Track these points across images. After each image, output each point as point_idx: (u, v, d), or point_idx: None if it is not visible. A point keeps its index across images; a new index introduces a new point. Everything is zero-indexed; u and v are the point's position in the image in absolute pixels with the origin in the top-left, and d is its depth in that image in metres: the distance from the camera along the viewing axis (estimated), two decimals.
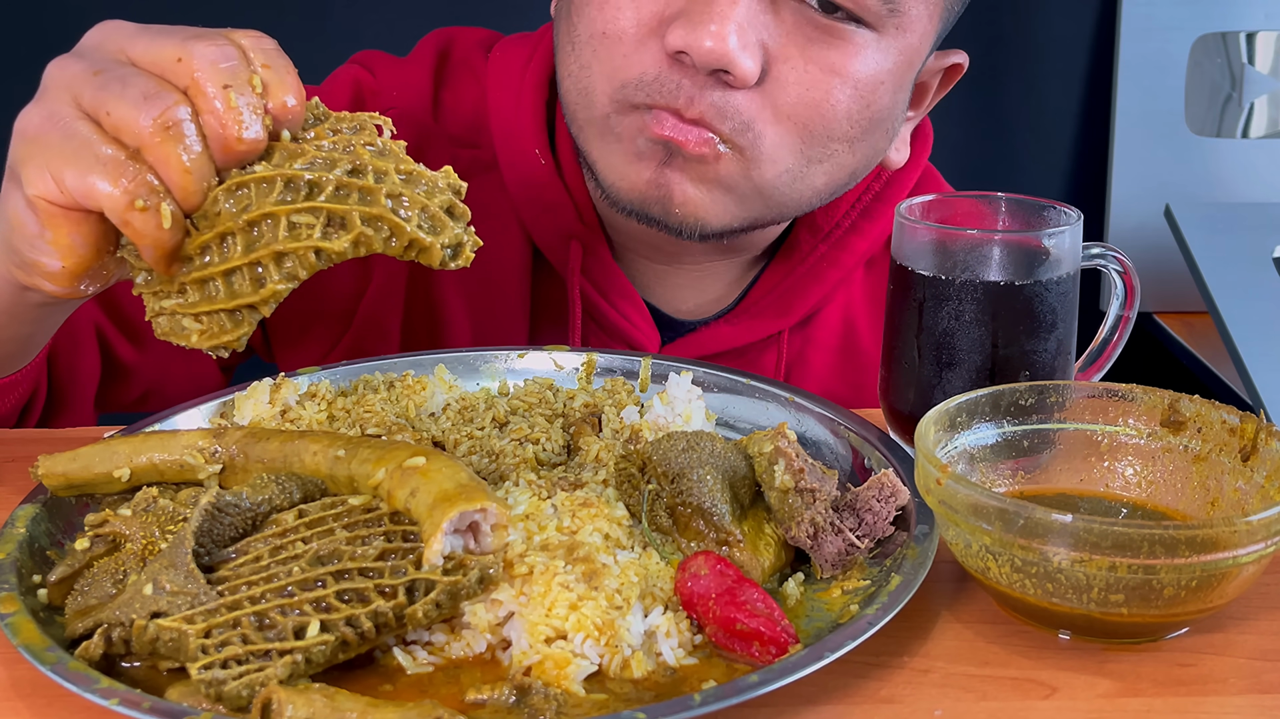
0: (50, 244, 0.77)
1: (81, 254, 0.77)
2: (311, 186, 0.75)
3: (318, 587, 0.69)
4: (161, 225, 0.73)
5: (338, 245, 0.74)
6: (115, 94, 0.73)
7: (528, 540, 0.75)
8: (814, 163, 1.03)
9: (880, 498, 0.79)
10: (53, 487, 0.81)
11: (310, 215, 0.74)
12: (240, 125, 0.74)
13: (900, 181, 1.20)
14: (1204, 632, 0.75)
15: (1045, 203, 0.94)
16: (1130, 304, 0.96)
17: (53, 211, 0.76)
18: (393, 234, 0.75)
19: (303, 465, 0.79)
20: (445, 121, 1.19)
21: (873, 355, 1.22)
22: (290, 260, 0.74)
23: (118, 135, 0.74)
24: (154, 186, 0.73)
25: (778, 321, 1.18)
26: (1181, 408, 0.82)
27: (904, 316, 0.92)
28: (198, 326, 0.76)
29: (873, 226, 1.19)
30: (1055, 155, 2.26)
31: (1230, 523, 0.68)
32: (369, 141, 0.77)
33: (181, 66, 0.74)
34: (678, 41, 0.96)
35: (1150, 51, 2.18)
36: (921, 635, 0.74)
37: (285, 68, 0.77)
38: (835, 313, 1.22)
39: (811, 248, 1.18)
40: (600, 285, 1.16)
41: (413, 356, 1.02)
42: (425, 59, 1.22)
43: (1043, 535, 0.69)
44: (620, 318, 1.16)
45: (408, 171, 0.76)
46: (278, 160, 0.75)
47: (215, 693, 0.64)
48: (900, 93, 1.06)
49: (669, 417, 0.90)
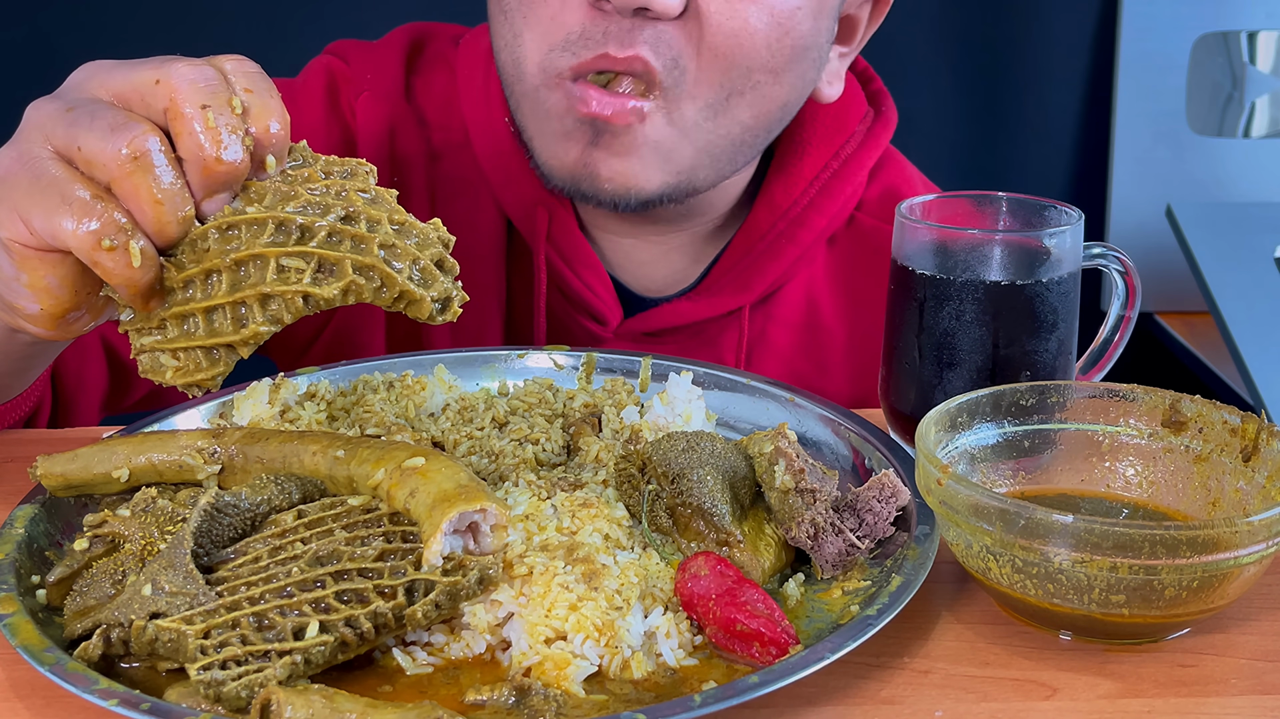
0: (27, 287, 0.75)
1: (59, 296, 0.76)
2: (304, 231, 0.73)
3: (317, 587, 0.69)
4: (131, 264, 0.72)
5: (327, 292, 0.73)
6: (84, 128, 0.72)
7: (527, 541, 0.75)
8: (735, 94, 1.03)
9: (881, 498, 0.79)
10: (51, 487, 0.81)
11: (301, 260, 0.73)
12: (219, 146, 0.72)
13: (859, 160, 1.20)
14: (1205, 632, 0.75)
15: (1046, 202, 0.94)
16: (1131, 304, 0.96)
17: (25, 254, 0.74)
18: (384, 284, 0.74)
19: (302, 466, 0.79)
20: (418, 104, 1.21)
21: (836, 333, 1.23)
22: (276, 303, 0.73)
23: (90, 171, 0.72)
24: (121, 225, 0.72)
25: (738, 298, 1.19)
26: (1183, 408, 0.81)
27: (904, 316, 0.92)
28: (174, 363, 0.75)
29: (830, 203, 1.19)
30: (1056, 155, 2.26)
31: (1231, 523, 0.68)
32: (362, 188, 0.77)
33: (160, 88, 0.73)
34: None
35: (1150, 51, 2.18)
36: (922, 636, 0.74)
37: (268, 91, 0.75)
38: (797, 290, 1.23)
39: (770, 224, 1.18)
40: (566, 254, 1.17)
41: (413, 357, 1.02)
42: (397, 44, 1.23)
43: (1044, 536, 0.69)
44: (584, 287, 1.17)
45: (400, 222, 0.76)
46: (269, 202, 0.74)
47: (214, 694, 0.64)
48: (821, 19, 1.06)
49: (669, 417, 0.90)
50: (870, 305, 1.22)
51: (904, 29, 1.15)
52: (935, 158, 2.19)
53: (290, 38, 1.91)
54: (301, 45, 1.38)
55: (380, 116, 1.19)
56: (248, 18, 2.01)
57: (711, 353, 1.20)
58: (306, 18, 2.03)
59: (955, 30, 2.18)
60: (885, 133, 1.22)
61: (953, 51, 2.19)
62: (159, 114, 0.73)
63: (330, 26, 1.99)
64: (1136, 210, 2.22)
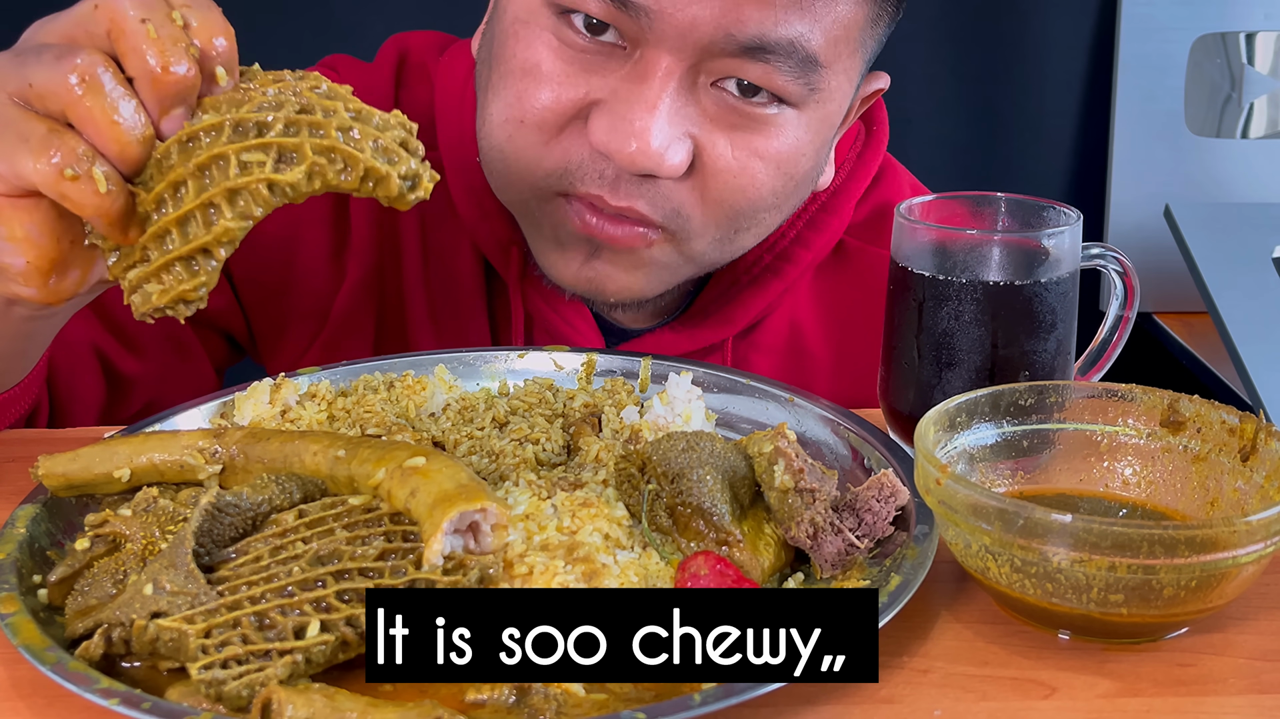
0: (8, 240, 0.75)
1: (42, 245, 0.75)
2: (261, 127, 0.73)
3: (318, 587, 0.69)
4: (98, 190, 0.71)
5: (290, 177, 0.73)
6: (32, 65, 0.72)
7: (528, 540, 0.75)
8: (741, 231, 1.05)
9: (880, 498, 0.79)
10: (53, 487, 0.81)
11: (261, 152, 0.73)
12: (164, 57, 0.71)
13: (847, 191, 1.19)
14: (1203, 632, 0.75)
15: (1045, 203, 0.94)
16: (1130, 304, 0.96)
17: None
18: (346, 165, 0.73)
19: (303, 465, 0.79)
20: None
21: (820, 358, 1.22)
22: (243, 197, 0.73)
23: (44, 106, 0.72)
24: (81, 153, 0.71)
25: (721, 331, 1.18)
26: (1181, 408, 0.82)
27: (904, 317, 0.92)
28: (158, 286, 0.74)
29: (818, 237, 1.18)
30: (1055, 155, 2.26)
31: (1230, 523, 0.68)
32: (314, 85, 0.76)
33: (99, 13, 0.72)
34: (600, 143, 0.96)
35: (1150, 51, 2.18)
36: (921, 635, 0.74)
37: (207, 6, 0.75)
38: (781, 318, 1.21)
39: (756, 258, 1.17)
40: (544, 291, 1.15)
41: (413, 357, 1.02)
42: (386, 63, 1.22)
43: (1042, 535, 0.69)
44: (563, 323, 1.15)
45: (357, 110, 0.75)
46: (225, 109, 0.74)
47: (215, 693, 0.64)
48: (823, 150, 1.06)
49: (669, 417, 0.90)
50: (856, 327, 1.21)
51: (903, 29, 1.14)
52: (934, 158, 2.19)
53: (290, 42, 1.91)
54: (301, 48, 1.38)
55: None
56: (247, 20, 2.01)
57: None
58: (306, 21, 2.03)
59: (954, 30, 2.18)
60: (876, 156, 1.21)
61: (951, 52, 2.19)
62: (103, 39, 0.73)
63: (329, 28, 1.99)
64: (1135, 211, 2.22)
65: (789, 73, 0.96)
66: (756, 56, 0.95)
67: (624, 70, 0.96)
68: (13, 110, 0.73)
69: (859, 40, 1.01)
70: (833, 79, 1.00)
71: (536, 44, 0.98)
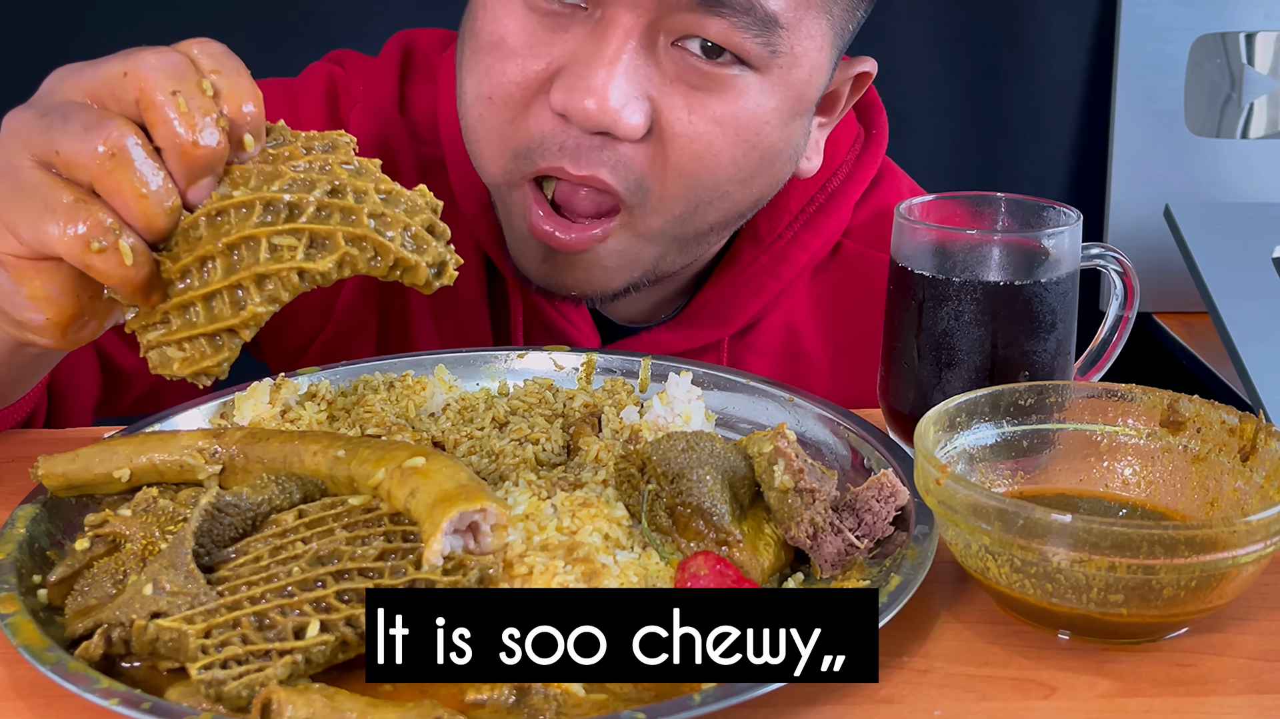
0: (28, 299, 0.75)
1: (61, 304, 0.75)
2: (292, 208, 0.73)
3: (318, 587, 0.69)
4: (123, 262, 0.71)
5: (322, 266, 0.73)
6: (59, 131, 0.71)
7: (527, 540, 0.75)
8: (704, 204, 1.03)
9: (880, 498, 0.79)
10: (53, 487, 0.81)
11: (292, 237, 0.73)
12: (194, 130, 0.71)
13: (846, 193, 1.19)
14: (1203, 632, 0.75)
15: (1045, 203, 0.94)
16: (1130, 304, 0.96)
17: (20, 265, 0.73)
18: (377, 253, 0.74)
19: (303, 466, 0.79)
20: (410, 117, 1.20)
21: (817, 361, 1.22)
22: (272, 282, 0.73)
23: (70, 174, 0.71)
24: (108, 225, 0.71)
25: (716, 331, 1.18)
26: (1181, 408, 0.82)
27: (903, 317, 0.92)
28: (180, 354, 0.75)
29: (815, 238, 1.18)
30: (1055, 155, 2.26)
31: (1229, 523, 0.68)
32: (345, 160, 0.76)
33: (128, 80, 0.72)
34: (559, 104, 0.96)
35: (1150, 51, 2.18)
36: (921, 636, 0.74)
37: (236, 70, 0.75)
38: (777, 320, 1.21)
39: (752, 259, 1.17)
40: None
41: (413, 357, 1.02)
42: (391, 57, 1.23)
43: (1042, 535, 0.69)
44: (560, 318, 1.16)
45: (387, 190, 0.76)
46: (255, 184, 0.74)
47: (215, 693, 0.64)
48: (794, 122, 1.04)
49: (669, 417, 0.90)
50: (853, 332, 1.20)
51: (902, 29, 1.14)
52: (933, 158, 2.19)
53: (291, 42, 1.91)
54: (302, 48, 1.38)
55: (373, 131, 1.18)
56: (245, 20, 2.01)
57: None
58: (306, 21, 2.03)
59: (953, 30, 2.18)
60: (874, 159, 1.21)
61: (951, 51, 2.18)
62: (131, 106, 0.72)
63: (329, 28, 1.99)
64: (1135, 211, 2.22)
65: (747, 30, 0.96)
66: (713, 11, 0.94)
67: (585, 30, 0.97)
68: (38, 175, 0.72)
69: (822, 6, 1.00)
70: (796, 43, 0.99)
71: (503, 14, 0.99)
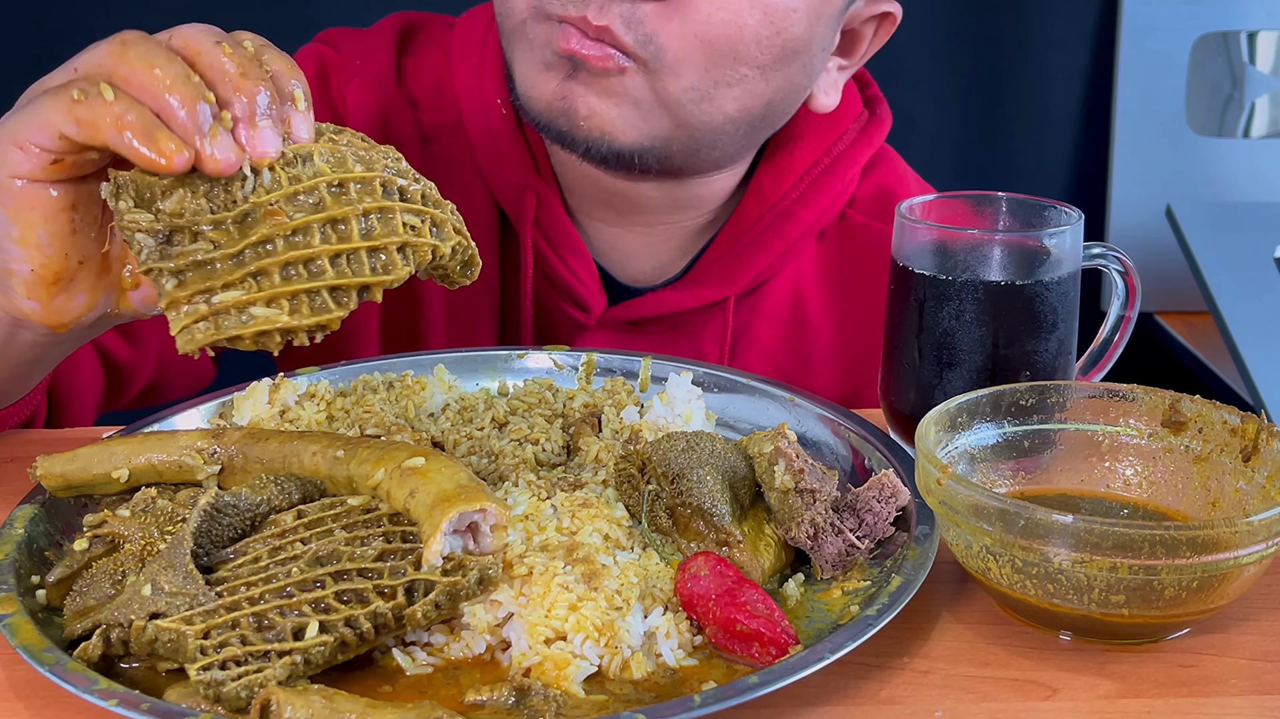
0: (18, 243, 0.75)
1: (49, 255, 0.76)
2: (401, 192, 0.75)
3: (316, 587, 0.69)
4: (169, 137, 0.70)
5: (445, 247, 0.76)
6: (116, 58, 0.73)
7: (527, 541, 0.75)
8: (722, 85, 1.03)
9: (880, 498, 0.79)
10: (51, 487, 0.81)
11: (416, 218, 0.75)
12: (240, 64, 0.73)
13: (851, 157, 1.20)
14: (1205, 632, 0.75)
15: (1046, 203, 0.94)
16: (1131, 304, 0.96)
17: (20, 194, 0.74)
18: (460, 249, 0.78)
19: (302, 466, 0.79)
20: (408, 86, 1.21)
21: (822, 329, 1.23)
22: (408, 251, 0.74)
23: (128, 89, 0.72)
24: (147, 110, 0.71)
25: (722, 289, 1.19)
26: (1182, 408, 0.81)
27: (904, 316, 0.92)
28: (269, 312, 0.71)
29: (820, 198, 1.19)
30: (1056, 155, 2.26)
31: (1231, 523, 0.68)
32: (395, 155, 0.78)
33: (174, 40, 0.74)
34: None
35: (1150, 51, 2.18)
36: (922, 636, 0.74)
37: (281, 53, 0.77)
38: (784, 284, 1.23)
39: (758, 216, 1.18)
40: (552, 239, 1.17)
41: (412, 357, 1.02)
42: (388, 31, 1.24)
43: (1043, 536, 0.69)
44: (568, 273, 1.17)
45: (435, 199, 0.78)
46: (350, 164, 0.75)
47: (214, 694, 0.64)
48: (818, 26, 1.05)
49: (669, 417, 0.90)
50: (858, 302, 1.22)
51: (903, 28, 1.14)
52: (935, 157, 2.19)
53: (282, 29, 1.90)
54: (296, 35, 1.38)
55: (371, 102, 1.19)
56: (245, 17, 2.01)
57: (694, 344, 1.19)
58: (299, 8, 2.03)
59: (955, 30, 2.18)
60: (879, 133, 1.22)
61: (952, 51, 2.19)
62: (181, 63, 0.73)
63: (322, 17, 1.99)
64: (1136, 210, 2.22)
65: None
66: None
67: None
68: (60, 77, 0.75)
69: None
70: None
71: None
